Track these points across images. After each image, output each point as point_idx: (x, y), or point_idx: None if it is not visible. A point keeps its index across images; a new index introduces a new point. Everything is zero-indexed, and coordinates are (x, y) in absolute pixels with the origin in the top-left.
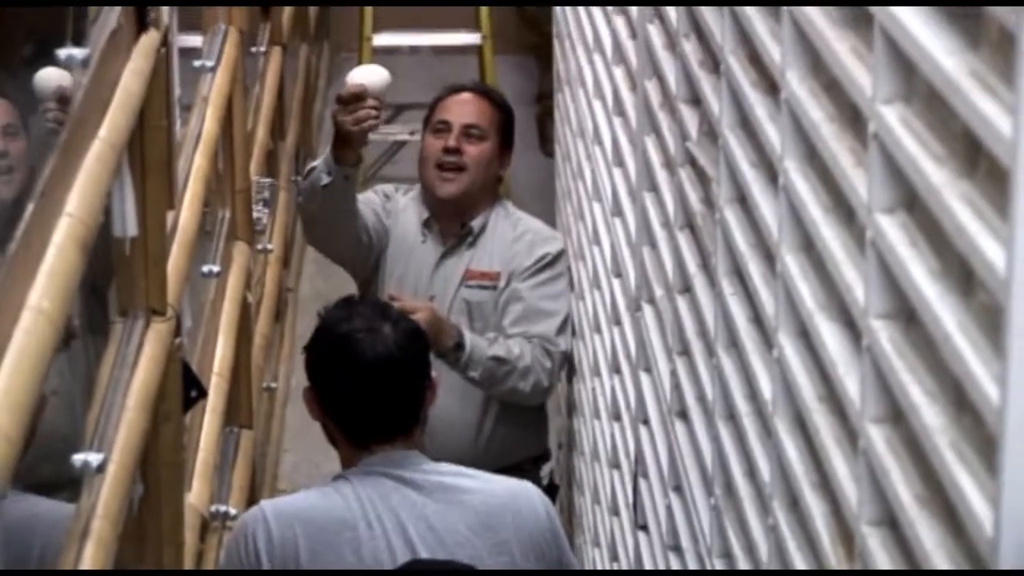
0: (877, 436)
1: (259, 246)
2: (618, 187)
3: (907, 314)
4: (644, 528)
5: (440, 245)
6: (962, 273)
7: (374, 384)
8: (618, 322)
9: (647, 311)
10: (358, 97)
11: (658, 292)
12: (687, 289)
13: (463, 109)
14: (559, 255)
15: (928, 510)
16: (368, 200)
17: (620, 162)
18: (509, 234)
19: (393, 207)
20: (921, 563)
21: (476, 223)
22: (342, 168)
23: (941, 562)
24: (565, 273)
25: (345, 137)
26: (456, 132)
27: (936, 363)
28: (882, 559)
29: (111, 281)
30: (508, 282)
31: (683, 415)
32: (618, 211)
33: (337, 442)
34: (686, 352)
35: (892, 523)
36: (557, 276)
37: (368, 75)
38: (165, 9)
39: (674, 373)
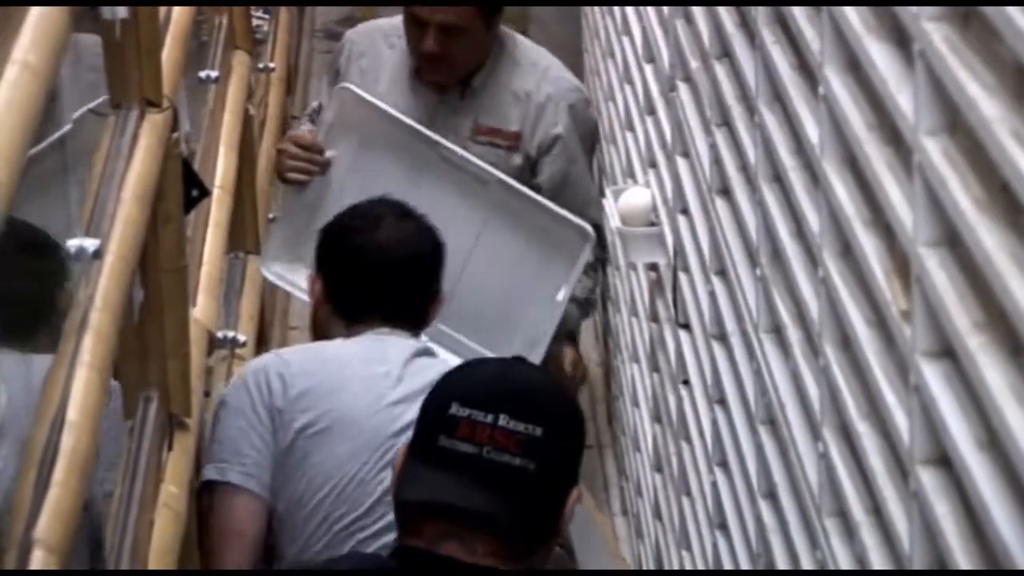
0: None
1: (260, 65)
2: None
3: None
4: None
5: (432, 92)
6: None
7: (385, 270)
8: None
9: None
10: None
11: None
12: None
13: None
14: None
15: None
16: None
17: None
18: (520, 85)
19: (353, 51)
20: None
21: (477, 81)
22: None
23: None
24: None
25: None
26: (433, 33)
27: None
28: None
29: None
30: (532, 151)
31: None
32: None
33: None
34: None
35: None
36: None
37: None
38: None
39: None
